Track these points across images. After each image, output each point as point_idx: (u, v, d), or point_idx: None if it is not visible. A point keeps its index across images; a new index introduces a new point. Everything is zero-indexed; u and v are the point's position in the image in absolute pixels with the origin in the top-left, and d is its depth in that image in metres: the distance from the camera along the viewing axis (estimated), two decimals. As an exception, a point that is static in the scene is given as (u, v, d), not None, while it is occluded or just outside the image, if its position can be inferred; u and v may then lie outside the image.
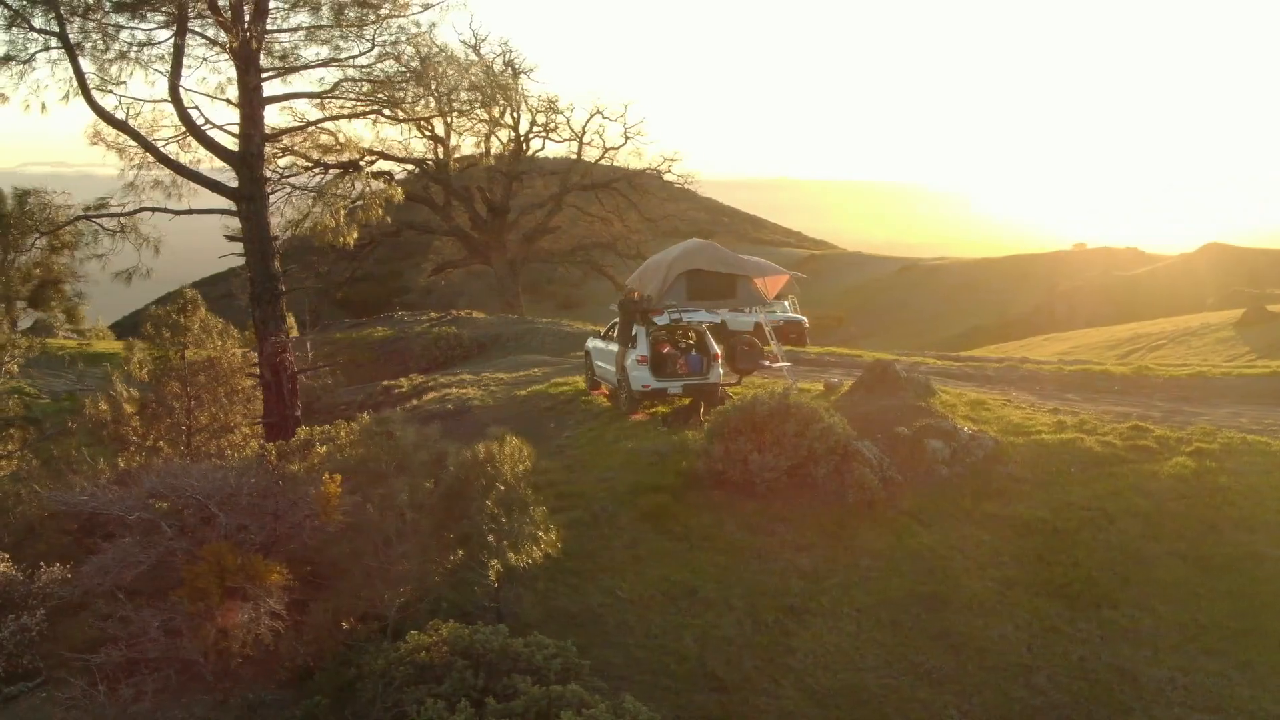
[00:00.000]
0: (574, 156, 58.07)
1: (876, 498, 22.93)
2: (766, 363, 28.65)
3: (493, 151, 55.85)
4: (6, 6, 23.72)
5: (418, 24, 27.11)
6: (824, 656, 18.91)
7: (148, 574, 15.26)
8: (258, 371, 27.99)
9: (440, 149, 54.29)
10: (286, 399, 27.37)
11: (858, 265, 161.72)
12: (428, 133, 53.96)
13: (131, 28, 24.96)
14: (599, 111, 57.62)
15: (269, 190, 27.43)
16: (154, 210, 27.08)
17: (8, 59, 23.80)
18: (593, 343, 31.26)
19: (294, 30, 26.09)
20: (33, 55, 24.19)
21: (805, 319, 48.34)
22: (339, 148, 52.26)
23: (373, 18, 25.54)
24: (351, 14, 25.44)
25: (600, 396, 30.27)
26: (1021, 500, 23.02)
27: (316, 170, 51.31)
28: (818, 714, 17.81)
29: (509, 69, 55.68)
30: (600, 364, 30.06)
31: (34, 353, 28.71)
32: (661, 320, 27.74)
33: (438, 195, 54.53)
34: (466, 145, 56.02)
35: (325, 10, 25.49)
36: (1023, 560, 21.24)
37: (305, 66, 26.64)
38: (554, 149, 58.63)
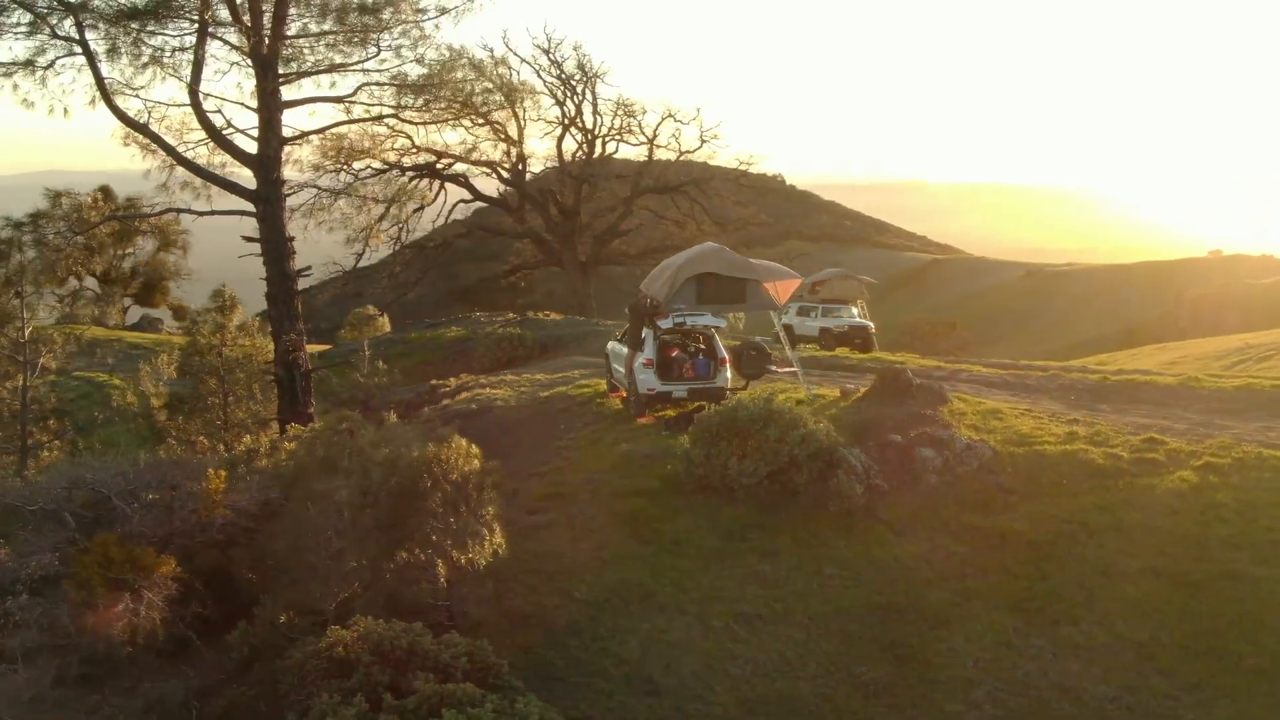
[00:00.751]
0: (645, 159, 58.21)
1: (856, 506, 22.75)
2: (773, 368, 28.51)
3: (565, 155, 56.38)
4: (29, 10, 24.66)
5: (421, 29, 27.46)
6: (765, 664, 18.84)
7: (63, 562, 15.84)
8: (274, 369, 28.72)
9: (514, 152, 55.03)
10: (300, 396, 28.05)
11: (981, 271, 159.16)
12: (503, 136, 54.75)
13: (158, 33, 25.78)
14: (670, 114, 57.82)
15: (286, 192, 28.03)
16: (179, 211, 27.91)
17: (27, 64, 24.77)
18: (612, 345, 31.46)
19: (305, 37, 26.65)
20: (53, 61, 25.17)
21: (872, 325, 47.94)
22: (414, 150, 53.46)
23: (374, 23, 25.97)
24: (355, 20, 25.93)
25: (616, 399, 30.43)
26: (1005, 512, 22.62)
27: (393, 172, 52.57)
28: (686, 715, 17.78)
29: (580, 72, 56.18)
30: (616, 367, 30.25)
31: (71, 347, 29.70)
32: (666, 324, 27.78)
33: (512, 199, 55.15)
34: (543, 149, 56.93)
35: (331, 19, 26.02)
36: (990, 573, 20.90)
37: (317, 71, 27.17)
38: (630, 152, 58.97)
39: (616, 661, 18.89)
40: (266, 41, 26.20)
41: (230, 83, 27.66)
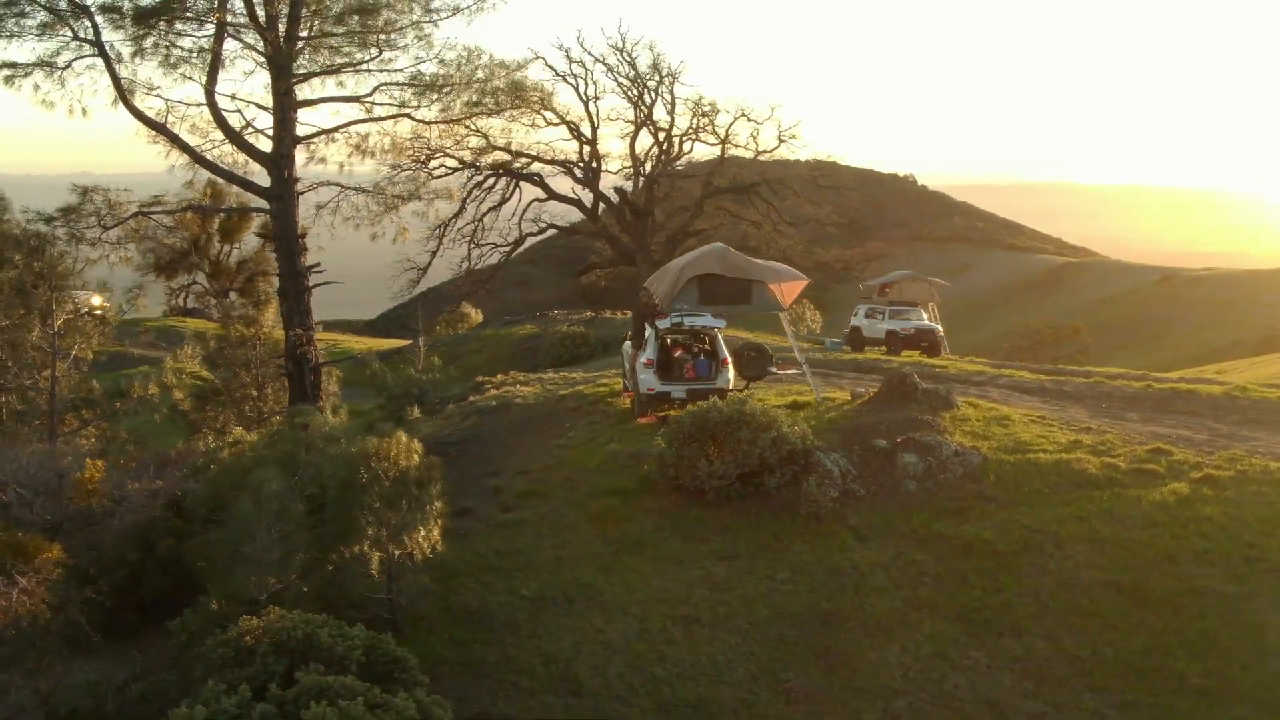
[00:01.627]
0: (718, 159, 57.91)
1: (825, 510, 22.52)
2: (774, 369, 28.27)
3: (638, 154, 56.45)
4: (51, 11, 25.58)
5: (424, 30, 27.80)
6: (693, 668, 18.76)
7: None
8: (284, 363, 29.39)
9: (587, 151, 55.27)
10: (309, 389, 28.65)
11: (1116, 274, 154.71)
12: (576, 135, 55.05)
13: (174, 34, 26.57)
14: (744, 114, 57.42)
15: (300, 189, 28.63)
16: (200, 209, 28.74)
17: (42, 64, 25.76)
18: (626, 346, 31.50)
19: (316, 38, 27.17)
20: (70, 62, 26.13)
21: (939, 328, 47.14)
22: (488, 149, 54.07)
23: (382, 23, 26.40)
24: (358, 23, 26.38)
25: (627, 399, 30.46)
26: (978, 520, 22.17)
27: (465, 170, 53.22)
28: (599, 716, 17.75)
29: (654, 71, 56.22)
30: (627, 367, 30.30)
31: (107, 340, 30.73)
32: (664, 324, 27.73)
33: (587, 198, 55.38)
34: (620, 149, 57.03)
35: (342, 19, 26.49)
36: (945, 582, 20.53)
37: (327, 72, 27.70)
38: (706, 151, 58.70)
39: (546, 660, 18.97)
40: (281, 42, 26.76)
41: (250, 83, 28.17)
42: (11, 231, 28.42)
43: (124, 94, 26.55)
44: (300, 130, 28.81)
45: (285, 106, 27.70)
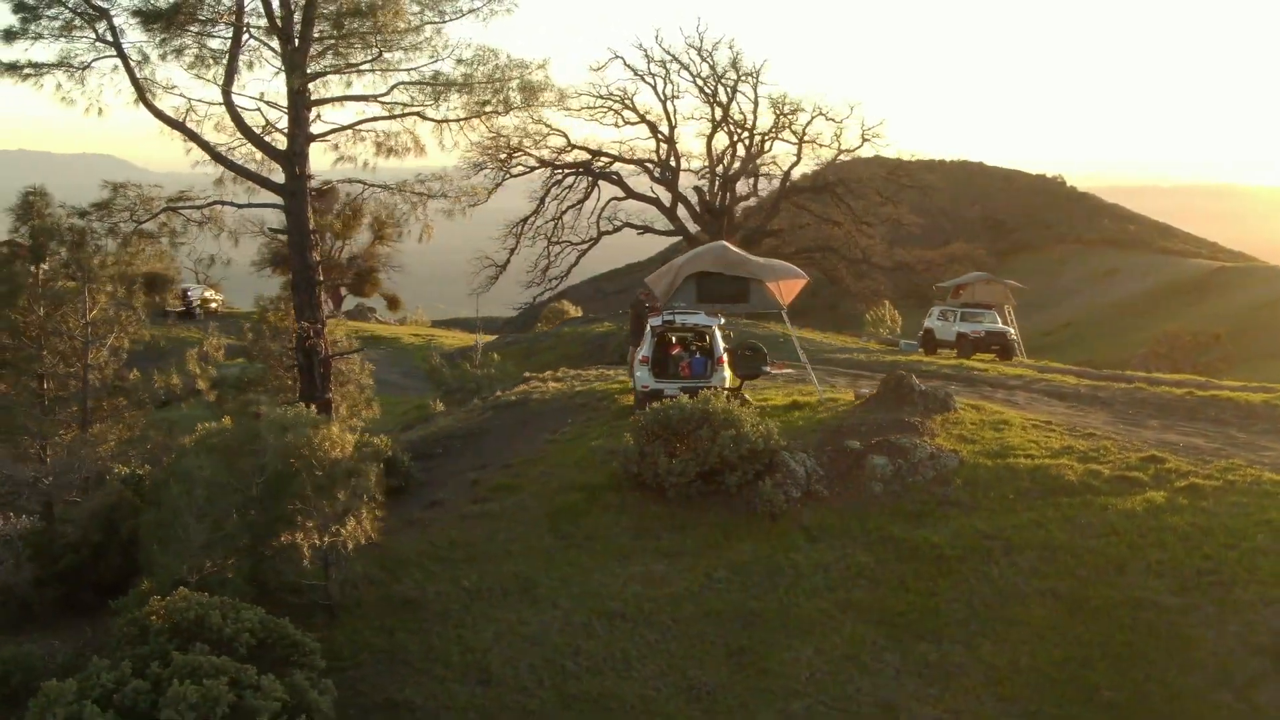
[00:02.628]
0: (796, 158, 57.47)
1: (780, 510, 22.41)
2: (768, 369, 28.09)
3: (715, 153, 56.34)
4: (71, 11, 26.71)
5: (428, 34, 28.27)
6: (605, 662, 18.87)
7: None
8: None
9: (665, 149, 55.36)
10: (318, 382, 29.33)
11: (1273, 279, 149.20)
12: (660, 136, 55.23)
13: (193, 35, 27.54)
14: (821, 112, 56.81)
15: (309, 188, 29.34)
16: (224, 204, 29.66)
17: (60, 64, 26.92)
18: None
19: (328, 39, 27.87)
20: (89, 62, 27.25)
21: (1012, 330, 46.21)
22: (569, 148, 54.63)
23: (380, 26, 26.95)
24: (365, 24, 26.98)
25: (632, 397, 30.54)
26: (933, 524, 21.85)
27: (543, 169, 53.87)
28: (556, 714, 17.90)
29: (734, 69, 56.01)
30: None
31: (143, 334, 31.79)
32: (655, 321, 27.80)
33: (665, 197, 55.48)
34: (700, 148, 56.87)
35: (339, 21, 27.13)
36: (881, 585, 20.29)
37: (338, 70, 28.39)
38: (787, 150, 58.18)
39: (464, 650, 19.23)
40: (295, 41, 27.51)
41: (277, 82, 28.93)
42: (55, 224, 29.61)
43: (143, 93, 27.59)
44: (320, 128, 29.54)
45: (298, 105, 28.44)
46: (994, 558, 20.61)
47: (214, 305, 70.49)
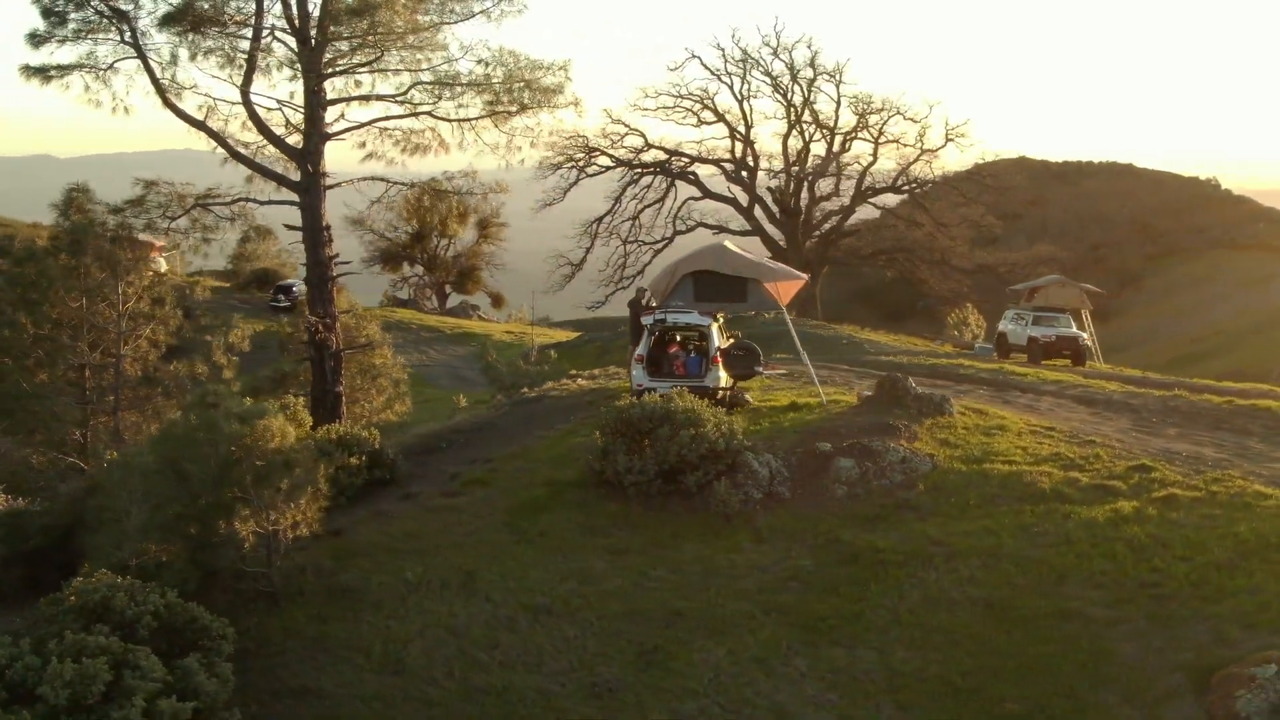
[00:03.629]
0: (876, 158, 56.44)
1: (734, 511, 22.30)
2: (760, 369, 27.83)
3: (791, 153, 55.76)
4: (96, 13, 27.72)
5: (432, 38, 28.66)
6: (519, 656, 18.99)
7: None
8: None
9: (742, 149, 54.98)
10: (328, 375, 29.96)
11: None
12: (737, 135, 54.93)
13: (213, 36, 28.43)
14: (898, 112, 55.74)
15: (328, 184, 29.99)
16: (247, 201, 30.49)
17: (85, 66, 27.97)
18: None
19: (343, 39, 28.48)
20: (112, 64, 28.28)
21: (1084, 335, 45.00)
22: (646, 148, 54.76)
23: (378, 28, 27.43)
24: (358, 25, 27.49)
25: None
26: (884, 529, 21.55)
27: (620, 169, 54.11)
28: (457, 705, 18.11)
29: (810, 68, 55.40)
30: None
31: (175, 326, 32.87)
32: (648, 320, 27.78)
33: (742, 197, 55.10)
34: (774, 148, 56.32)
35: (348, 22, 27.69)
36: (813, 588, 20.07)
37: (344, 72, 28.99)
38: (867, 149, 57.20)
39: (388, 640, 19.52)
40: (311, 42, 28.20)
41: (282, 82, 29.69)
42: (91, 220, 30.89)
43: (163, 93, 28.54)
44: (342, 126, 30.21)
45: (313, 105, 29.11)
46: (934, 564, 20.22)
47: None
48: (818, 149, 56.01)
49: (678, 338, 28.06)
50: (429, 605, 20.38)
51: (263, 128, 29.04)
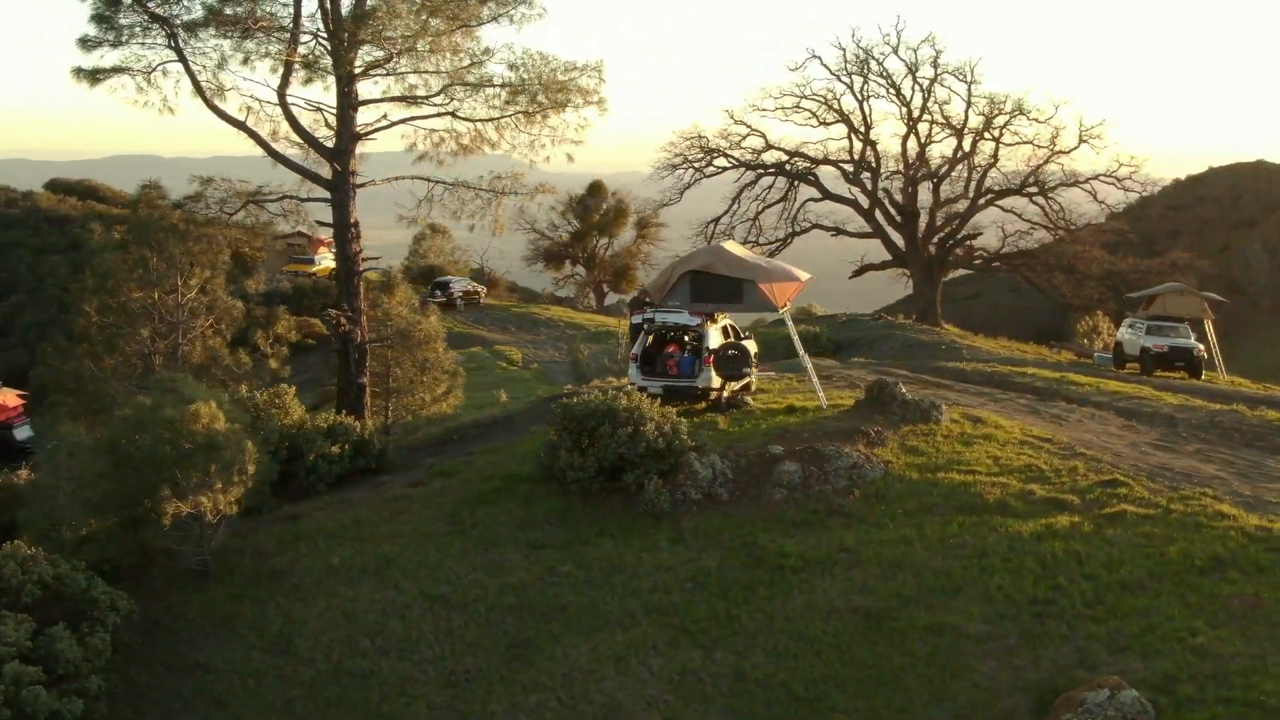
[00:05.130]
0: (996, 159, 54.24)
1: (664, 511, 22.27)
2: (748, 370, 27.48)
3: (909, 154, 54.34)
4: (140, 16, 29.29)
5: (460, 44, 29.31)
6: (398, 642, 19.39)
7: None
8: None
9: (862, 149, 53.89)
10: (352, 367, 30.89)
11: None
12: (859, 135, 53.97)
13: (249, 40, 29.78)
14: (1021, 112, 53.48)
15: (359, 182, 30.96)
16: (292, 198, 31.73)
17: (129, 70, 29.57)
18: None
19: (372, 43, 29.42)
20: (155, 67, 29.82)
21: (1199, 347, 42.84)
22: (767, 148, 54.45)
23: (440, 26, 28.31)
24: (373, 29, 28.34)
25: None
26: (803, 534, 21.21)
27: (739, 169, 53.99)
28: (322, 686, 18.69)
29: (932, 66, 53.89)
30: None
31: (237, 317, 34.31)
32: (636, 320, 27.87)
33: (862, 199, 53.96)
34: (894, 148, 54.79)
35: (401, 25, 28.66)
36: (704, 590, 19.92)
37: (365, 75, 29.89)
38: (1004, 152, 55.05)
39: (288, 622, 20.19)
40: (344, 46, 29.23)
41: (314, 85, 30.80)
42: (153, 216, 32.68)
43: (204, 95, 29.97)
44: (375, 125, 31.18)
45: (344, 106, 30.14)
46: (833, 572, 19.87)
47: (477, 297, 74.03)
48: (942, 149, 54.66)
49: (672, 337, 28.00)
50: (339, 590, 20.96)
51: (297, 128, 30.19)
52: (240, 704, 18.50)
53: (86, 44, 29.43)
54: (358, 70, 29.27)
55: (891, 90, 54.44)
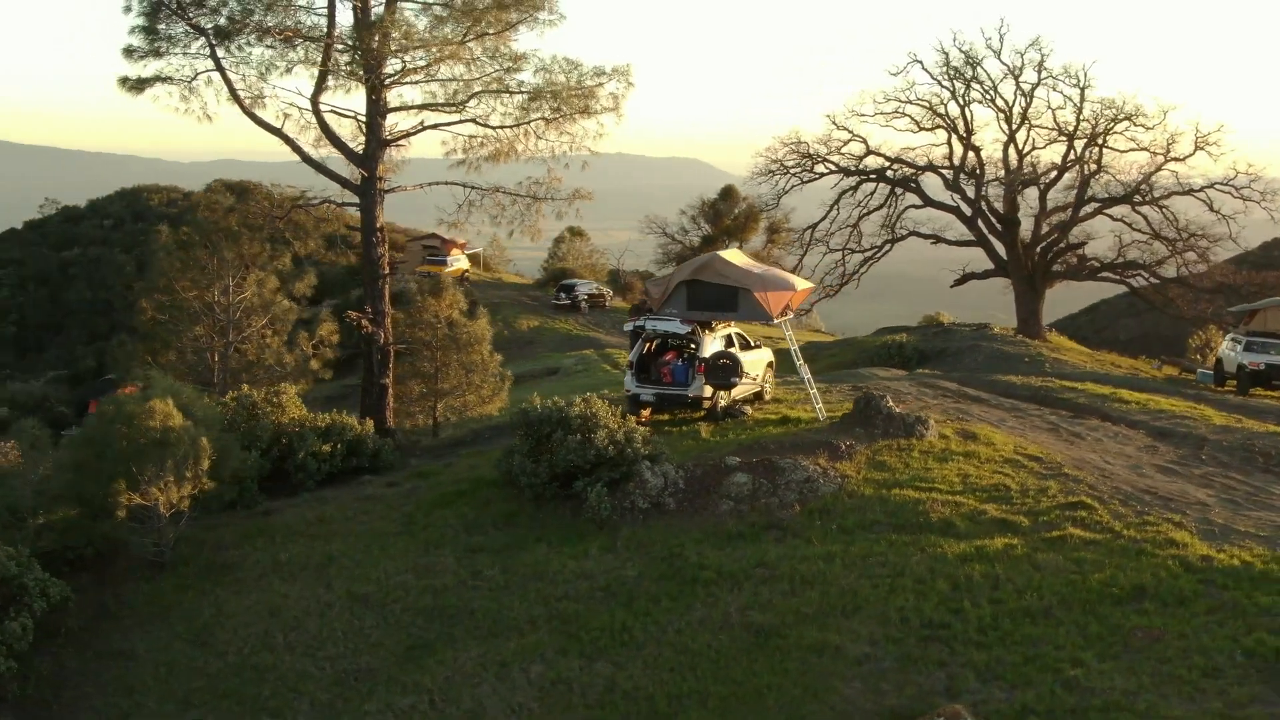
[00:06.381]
0: (1100, 167, 51.70)
1: (605, 519, 22.30)
2: (735, 380, 27.10)
3: (1010, 160, 52.47)
4: (186, 24, 30.43)
5: (486, 46, 29.70)
6: (309, 638, 19.79)
7: None
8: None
9: (962, 154, 52.32)
10: (375, 368, 31.53)
11: None
12: (962, 140, 52.49)
13: (283, 49, 30.73)
14: (1126, 117, 50.89)
15: (385, 188, 31.63)
16: (329, 203, 32.59)
17: (169, 79, 30.73)
18: None
19: (406, 50, 30.11)
20: (195, 76, 30.92)
21: (1295, 364, 40.53)
22: (868, 153, 53.59)
23: (465, 33, 28.91)
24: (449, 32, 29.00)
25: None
26: (733, 547, 20.89)
27: (837, 174, 53.25)
28: (224, 678, 19.24)
29: (1036, 71, 51.91)
30: None
31: (293, 319, 35.43)
32: (628, 327, 27.87)
33: (963, 206, 52.36)
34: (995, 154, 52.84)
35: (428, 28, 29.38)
36: (611, 599, 19.81)
37: (393, 84, 30.54)
38: (1117, 159, 52.53)
39: (216, 614, 20.82)
40: (373, 54, 29.96)
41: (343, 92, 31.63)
42: (209, 220, 34.10)
43: (241, 102, 31.01)
44: (406, 128, 31.88)
45: (373, 114, 30.87)
46: (744, 586, 19.58)
47: (602, 300, 74.66)
48: (1049, 155, 52.79)
49: (672, 345, 27.92)
50: (275, 585, 21.53)
51: (330, 134, 30.99)
52: (146, 691, 19.08)
53: (131, 54, 30.66)
54: (387, 80, 29.81)
55: (989, 95, 52.89)
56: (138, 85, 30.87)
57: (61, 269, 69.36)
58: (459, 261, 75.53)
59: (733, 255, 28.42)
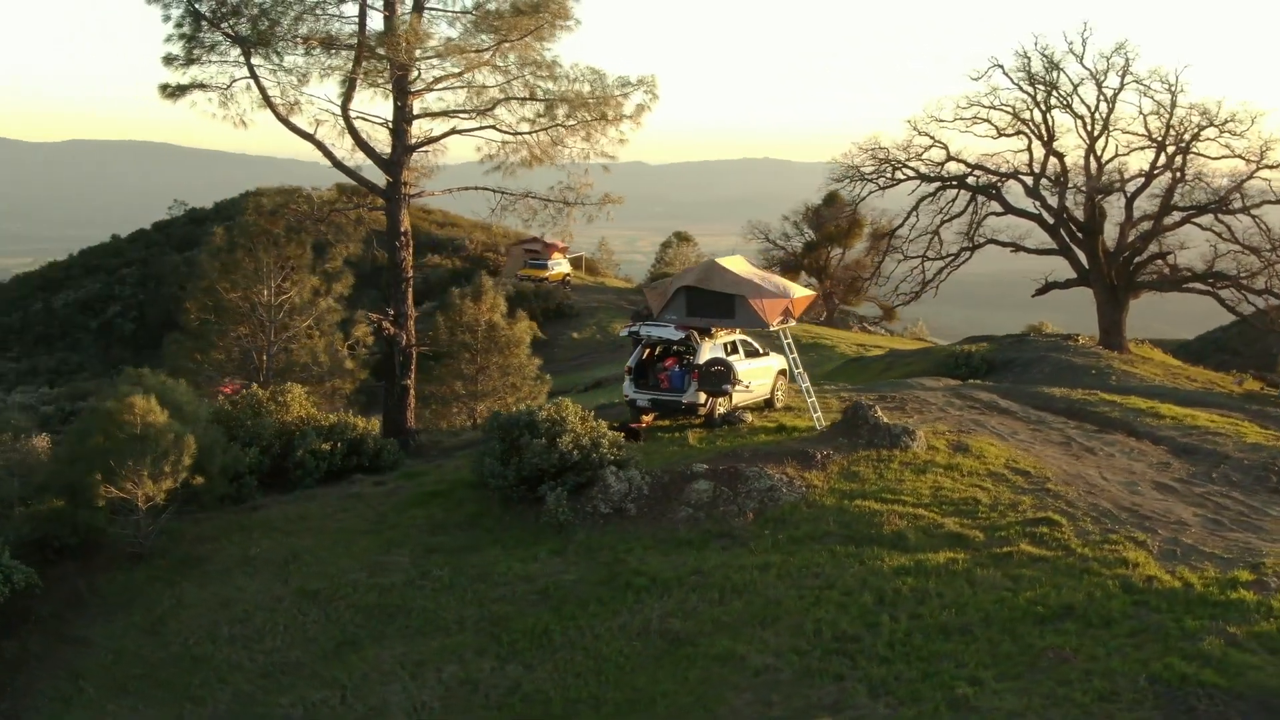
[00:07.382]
0: (1184, 174, 49.42)
1: (563, 523, 22.36)
2: (728, 387, 26.81)
3: (1090, 167, 50.67)
4: (220, 33, 31.25)
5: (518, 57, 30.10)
6: (253, 632, 20.11)
7: None
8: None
9: (1044, 160, 50.75)
10: (398, 370, 31.91)
11: None
12: (1045, 146, 51.04)
13: (316, 57, 31.44)
14: (1210, 122, 48.63)
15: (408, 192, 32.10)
16: (361, 207, 33.19)
17: (206, 86, 31.56)
18: None
19: (432, 58, 30.61)
20: (231, 83, 31.69)
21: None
22: (948, 159, 52.63)
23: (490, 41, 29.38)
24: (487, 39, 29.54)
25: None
26: (677, 555, 20.82)
27: (918, 181, 52.42)
28: (163, 668, 19.74)
29: (1119, 76, 50.08)
30: None
31: (336, 320, 36.15)
32: (623, 333, 27.86)
33: (1045, 215, 50.71)
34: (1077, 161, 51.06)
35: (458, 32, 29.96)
36: (545, 604, 19.85)
37: (420, 91, 30.98)
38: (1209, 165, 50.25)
39: (174, 605, 21.32)
40: (402, 61, 30.46)
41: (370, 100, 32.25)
42: (251, 223, 35.03)
43: (275, 109, 31.74)
44: (439, 132, 32.31)
45: (399, 120, 31.36)
46: (673, 593, 19.50)
47: None
48: (1136, 162, 51.00)
49: (674, 351, 27.86)
50: (235, 579, 22.01)
51: (359, 141, 31.56)
52: (90, 676, 19.63)
53: (170, 61, 31.60)
54: (414, 88, 30.34)
55: (1065, 100, 51.40)
56: (176, 91, 31.74)
57: (178, 269, 72.69)
58: (560, 265, 76.04)
59: (733, 263, 28.16)
